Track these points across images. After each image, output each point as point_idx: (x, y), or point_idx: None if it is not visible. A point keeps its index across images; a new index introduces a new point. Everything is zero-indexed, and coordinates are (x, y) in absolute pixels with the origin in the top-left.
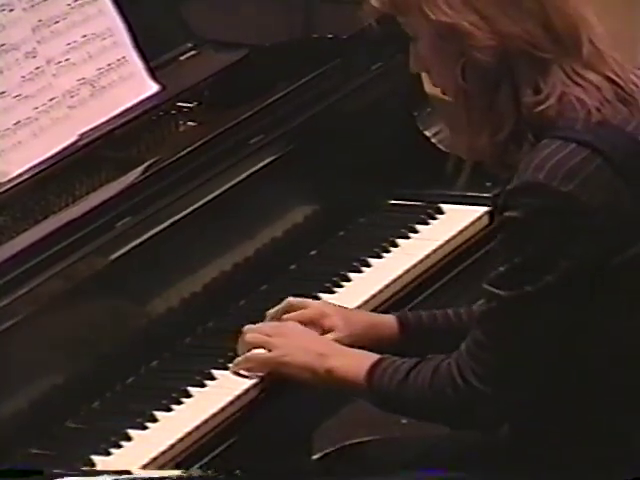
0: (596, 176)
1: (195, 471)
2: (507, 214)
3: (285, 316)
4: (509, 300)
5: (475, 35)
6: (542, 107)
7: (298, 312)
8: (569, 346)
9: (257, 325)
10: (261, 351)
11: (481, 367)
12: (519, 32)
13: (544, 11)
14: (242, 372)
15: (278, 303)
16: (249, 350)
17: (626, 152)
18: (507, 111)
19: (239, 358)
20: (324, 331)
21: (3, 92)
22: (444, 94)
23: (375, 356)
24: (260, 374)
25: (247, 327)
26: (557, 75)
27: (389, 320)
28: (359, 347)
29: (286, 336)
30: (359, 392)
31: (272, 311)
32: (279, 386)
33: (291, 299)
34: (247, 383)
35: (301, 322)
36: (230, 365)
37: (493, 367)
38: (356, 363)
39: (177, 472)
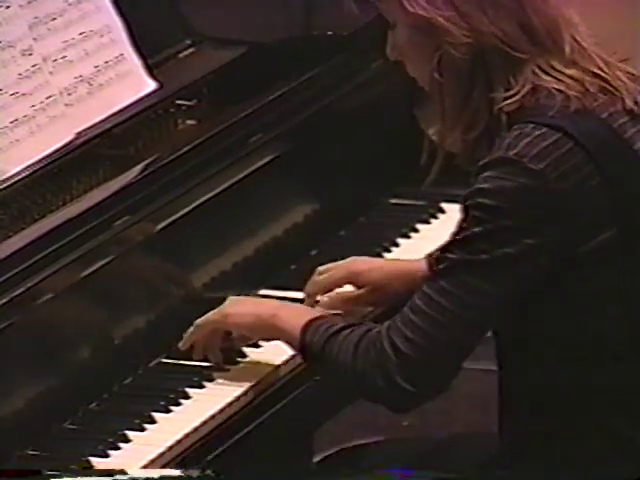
0: (568, 159)
1: (194, 471)
2: (475, 186)
3: (315, 278)
4: (460, 263)
5: (451, 31)
6: (508, 102)
7: (327, 276)
8: (527, 327)
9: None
10: None
11: (410, 331)
12: (496, 31)
13: (523, 11)
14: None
15: None
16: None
17: (601, 139)
18: (481, 109)
19: (188, 331)
20: (359, 288)
21: (0, 90)
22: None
23: (319, 312)
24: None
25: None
26: (531, 74)
27: (418, 266)
28: (394, 297)
29: (229, 303)
30: (294, 344)
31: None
32: (279, 387)
33: (319, 268)
34: (247, 384)
35: (333, 286)
36: (229, 367)
37: (423, 334)
38: (299, 315)
39: (177, 472)
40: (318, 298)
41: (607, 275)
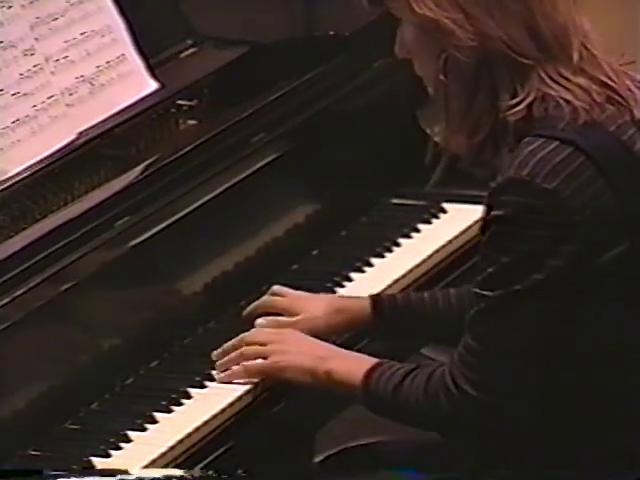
0: (579, 174)
1: (197, 471)
2: (492, 213)
3: (257, 305)
4: (498, 300)
5: (457, 34)
6: (513, 111)
7: (271, 301)
8: (562, 346)
9: (253, 332)
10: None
11: (473, 373)
12: (502, 36)
13: (532, 17)
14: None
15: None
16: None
17: (609, 151)
18: (485, 114)
19: (236, 367)
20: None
21: (1, 90)
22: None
23: (374, 360)
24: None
25: (243, 335)
26: (537, 81)
27: (362, 302)
28: (333, 330)
29: (283, 342)
30: (357, 395)
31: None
32: (280, 387)
33: (274, 288)
34: (248, 384)
35: (273, 311)
36: (232, 366)
37: (485, 372)
38: (354, 366)
39: (179, 472)
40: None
41: (616, 286)
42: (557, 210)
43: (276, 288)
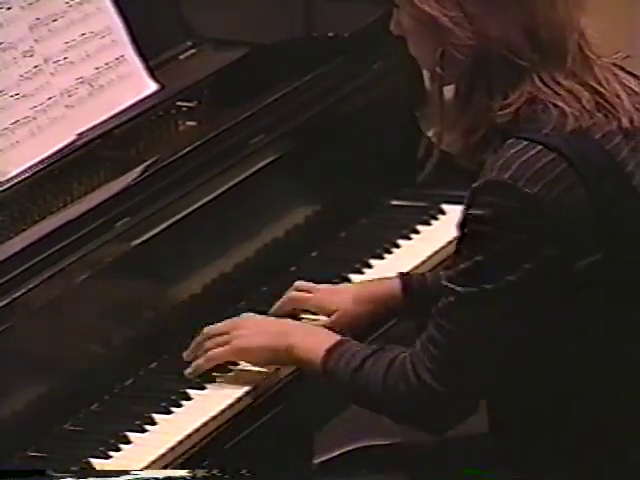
0: (560, 180)
1: (199, 471)
2: (471, 212)
3: (285, 301)
4: (467, 297)
5: (454, 32)
6: (502, 113)
7: (300, 297)
8: (534, 347)
9: (213, 326)
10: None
11: (434, 364)
12: (500, 37)
13: (531, 20)
14: None
15: None
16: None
17: (592, 160)
18: (481, 113)
19: (199, 360)
20: (331, 313)
21: (1, 91)
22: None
23: (335, 337)
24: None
25: (205, 329)
26: (529, 84)
27: (390, 286)
28: (369, 320)
29: (241, 326)
30: (316, 374)
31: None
32: (280, 388)
33: (297, 283)
34: (247, 386)
35: (303, 307)
36: (232, 367)
37: (446, 365)
38: (317, 343)
39: (183, 472)
40: None
41: (592, 294)
42: (536, 215)
43: (299, 284)
